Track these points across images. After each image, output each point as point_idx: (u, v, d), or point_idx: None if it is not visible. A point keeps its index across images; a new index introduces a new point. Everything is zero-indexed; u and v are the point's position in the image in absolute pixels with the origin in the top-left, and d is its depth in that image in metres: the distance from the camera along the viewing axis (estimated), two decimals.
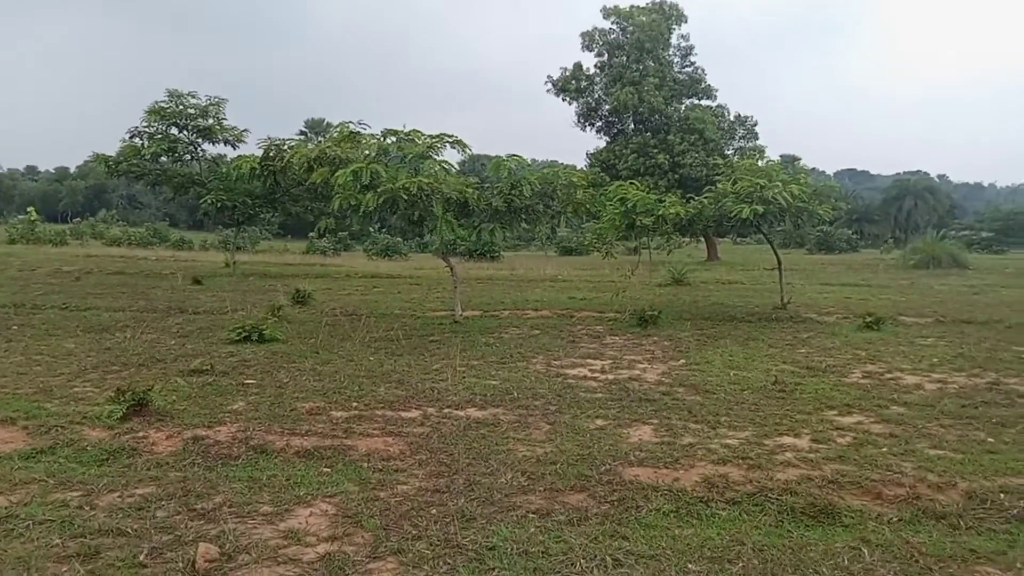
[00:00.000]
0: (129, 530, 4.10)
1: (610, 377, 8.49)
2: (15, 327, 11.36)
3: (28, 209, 47.65)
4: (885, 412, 6.91)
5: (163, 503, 4.53)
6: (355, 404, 7.01)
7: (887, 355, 9.93)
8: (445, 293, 17.41)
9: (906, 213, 71.86)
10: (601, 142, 44.03)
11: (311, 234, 46.07)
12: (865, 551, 3.97)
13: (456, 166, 14.13)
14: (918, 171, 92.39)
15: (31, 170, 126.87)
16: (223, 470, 5.18)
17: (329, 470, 5.21)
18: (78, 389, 7.44)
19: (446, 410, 6.84)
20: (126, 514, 4.34)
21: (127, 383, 6.85)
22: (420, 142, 12.98)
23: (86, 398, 7.04)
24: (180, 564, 3.72)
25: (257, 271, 23.98)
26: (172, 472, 5.11)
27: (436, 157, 12.97)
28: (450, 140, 13.32)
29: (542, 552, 3.91)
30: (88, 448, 5.55)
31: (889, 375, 8.66)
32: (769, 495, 4.72)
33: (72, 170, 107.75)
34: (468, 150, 14.29)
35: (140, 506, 4.47)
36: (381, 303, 15.97)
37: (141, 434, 5.85)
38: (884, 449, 5.73)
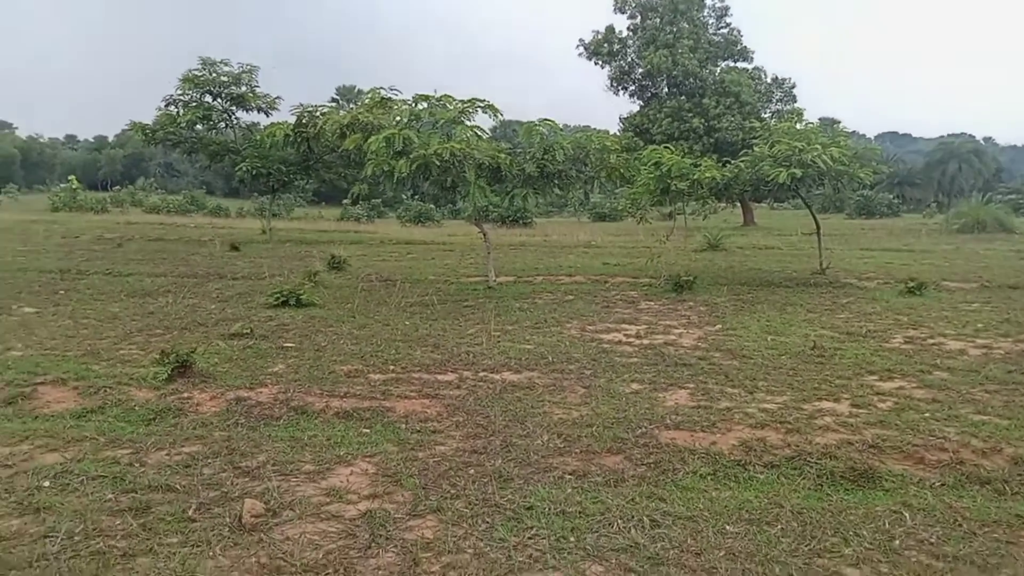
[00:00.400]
0: (178, 486, 4.23)
1: (645, 342, 8.46)
2: (62, 292, 11.66)
3: (69, 178, 48.68)
4: (927, 377, 6.79)
5: (209, 461, 4.65)
6: (392, 367, 7.09)
7: (930, 320, 9.73)
8: (478, 259, 17.44)
9: (950, 177, 69.77)
10: (634, 106, 43.34)
11: (345, 201, 46.29)
12: (907, 515, 3.93)
13: (488, 132, 14.05)
14: (963, 133, 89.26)
15: (71, 139, 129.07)
16: (265, 430, 5.30)
17: (368, 431, 5.30)
18: (124, 351, 7.64)
19: (482, 373, 6.89)
20: (174, 471, 4.47)
21: (171, 346, 7.01)
22: (452, 107, 12.90)
23: (132, 360, 7.23)
24: (227, 519, 3.82)
25: (293, 238, 24.23)
26: (217, 431, 5.24)
27: (468, 122, 12.90)
28: (481, 105, 13.19)
29: (579, 512, 3.95)
30: (136, 408, 5.72)
31: (932, 340, 8.49)
32: (808, 459, 4.69)
33: (110, 139, 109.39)
34: (499, 115, 14.16)
35: (187, 464, 4.60)
36: (415, 269, 16.06)
37: (186, 395, 6.01)
38: (926, 414, 5.64)
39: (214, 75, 22.82)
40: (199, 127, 23.69)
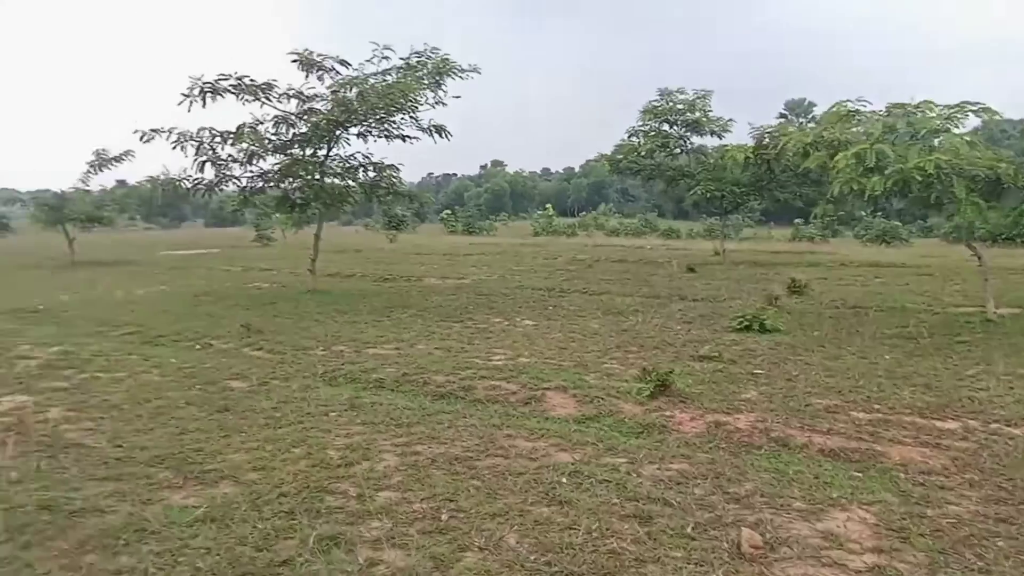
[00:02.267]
0: (673, 502, 4.48)
1: None
2: (551, 307, 13.47)
3: (546, 206, 56.53)
4: None
5: (698, 481, 4.83)
6: (876, 406, 6.50)
7: None
8: (965, 285, 15.09)
9: None
10: None
11: (796, 220, 44.66)
12: None
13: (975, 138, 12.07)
14: None
15: (545, 172, 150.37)
16: (747, 457, 5.31)
17: (860, 475, 4.93)
18: (607, 365, 8.45)
19: (993, 425, 5.89)
20: (667, 486, 4.75)
21: (649, 364, 7.52)
22: (934, 115, 11.44)
23: (615, 374, 7.95)
24: (725, 544, 3.91)
25: (745, 259, 24.18)
26: (700, 452, 5.43)
27: (956, 130, 11.28)
28: (973, 108, 11.44)
29: None
30: (625, 420, 6.25)
31: None
32: None
33: (576, 170, 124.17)
34: (997, 116, 12.09)
35: (678, 480, 4.85)
36: (887, 295, 14.55)
37: (668, 413, 6.37)
38: None
39: (670, 104, 24.14)
40: (657, 154, 25.31)
